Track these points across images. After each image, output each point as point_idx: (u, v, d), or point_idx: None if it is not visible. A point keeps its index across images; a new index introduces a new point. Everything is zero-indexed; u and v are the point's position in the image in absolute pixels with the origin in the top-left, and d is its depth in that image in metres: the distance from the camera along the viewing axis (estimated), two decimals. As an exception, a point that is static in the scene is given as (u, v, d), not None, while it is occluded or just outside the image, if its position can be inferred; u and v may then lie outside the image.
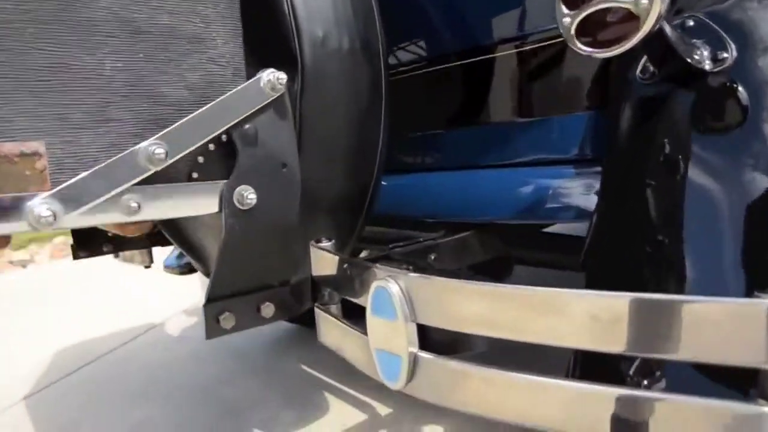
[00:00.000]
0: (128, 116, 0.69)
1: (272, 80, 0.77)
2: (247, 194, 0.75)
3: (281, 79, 0.78)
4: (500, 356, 0.70)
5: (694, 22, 0.76)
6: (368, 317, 0.75)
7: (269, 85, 0.77)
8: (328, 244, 0.91)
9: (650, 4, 0.58)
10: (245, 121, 0.75)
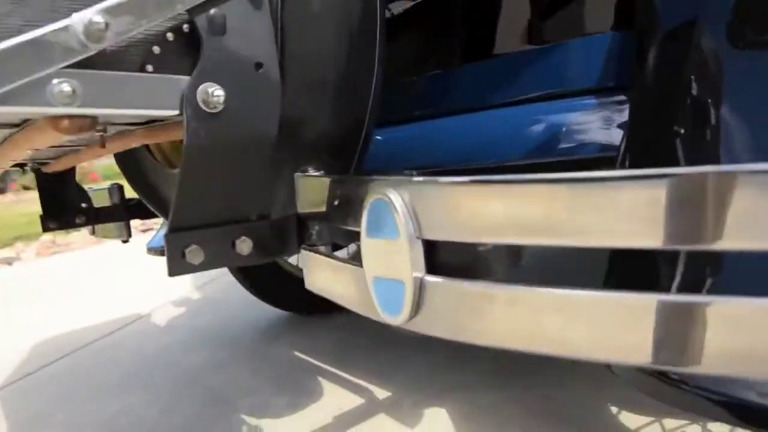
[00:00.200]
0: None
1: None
2: (213, 91, 0.61)
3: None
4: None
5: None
6: (363, 241, 0.61)
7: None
8: (316, 173, 0.77)
9: None
10: (211, 3, 0.62)
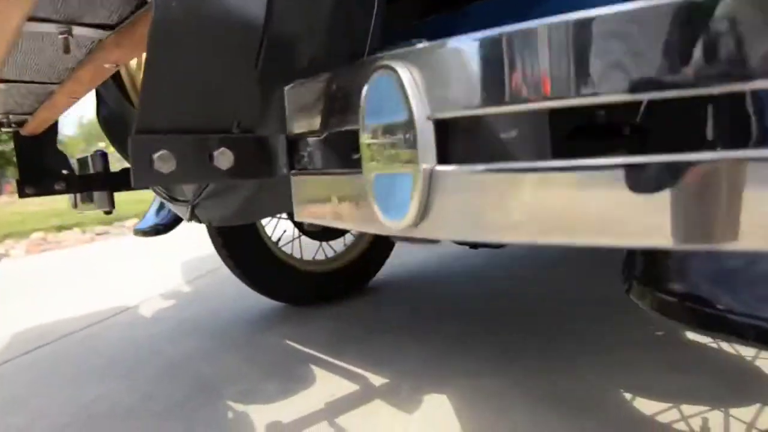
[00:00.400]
0: None
1: None
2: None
3: None
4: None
5: None
6: (363, 129, 0.50)
7: None
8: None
9: None
10: None
